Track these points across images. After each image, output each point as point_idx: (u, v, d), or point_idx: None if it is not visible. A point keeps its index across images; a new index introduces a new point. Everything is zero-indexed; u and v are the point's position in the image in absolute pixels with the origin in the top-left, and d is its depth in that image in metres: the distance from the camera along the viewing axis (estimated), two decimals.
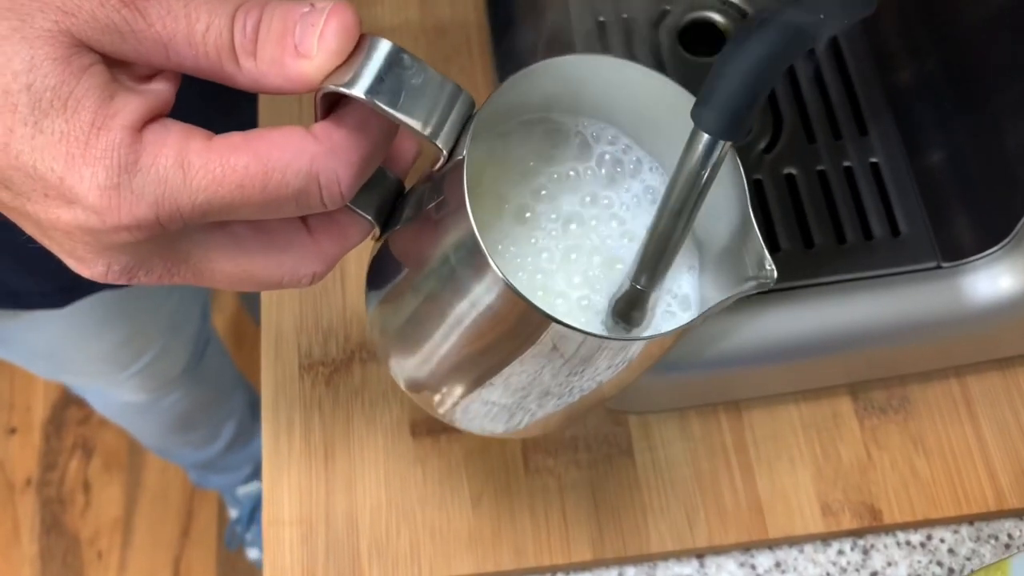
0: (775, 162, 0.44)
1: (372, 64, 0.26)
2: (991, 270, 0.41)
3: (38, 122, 0.24)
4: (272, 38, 0.26)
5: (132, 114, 0.25)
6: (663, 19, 0.48)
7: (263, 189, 0.26)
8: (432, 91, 0.27)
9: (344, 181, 0.27)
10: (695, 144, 0.28)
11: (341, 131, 0.27)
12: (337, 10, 0.26)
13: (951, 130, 0.44)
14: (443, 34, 0.56)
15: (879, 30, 0.47)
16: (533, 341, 0.28)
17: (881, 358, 0.45)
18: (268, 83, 0.26)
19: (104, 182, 0.24)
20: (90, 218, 0.25)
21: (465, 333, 0.30)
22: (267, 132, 0.26)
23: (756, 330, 0.42)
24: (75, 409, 1.32)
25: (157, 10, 0.25)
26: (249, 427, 1.11)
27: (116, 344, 0.77)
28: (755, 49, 0.26)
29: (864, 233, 0.43)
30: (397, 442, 0.47)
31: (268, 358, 0.49)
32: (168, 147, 0.25)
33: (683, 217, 0.29)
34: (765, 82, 0.26)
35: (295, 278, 0.30)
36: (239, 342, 1.29)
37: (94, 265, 0.27)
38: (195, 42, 0.25)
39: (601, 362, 0.29)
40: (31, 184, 0.25)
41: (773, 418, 0.47)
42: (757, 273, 0.29)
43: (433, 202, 0.29)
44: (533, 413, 0.33)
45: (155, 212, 0.25)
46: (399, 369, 0.34)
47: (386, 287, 0.33)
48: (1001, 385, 0.47)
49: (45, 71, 0.24)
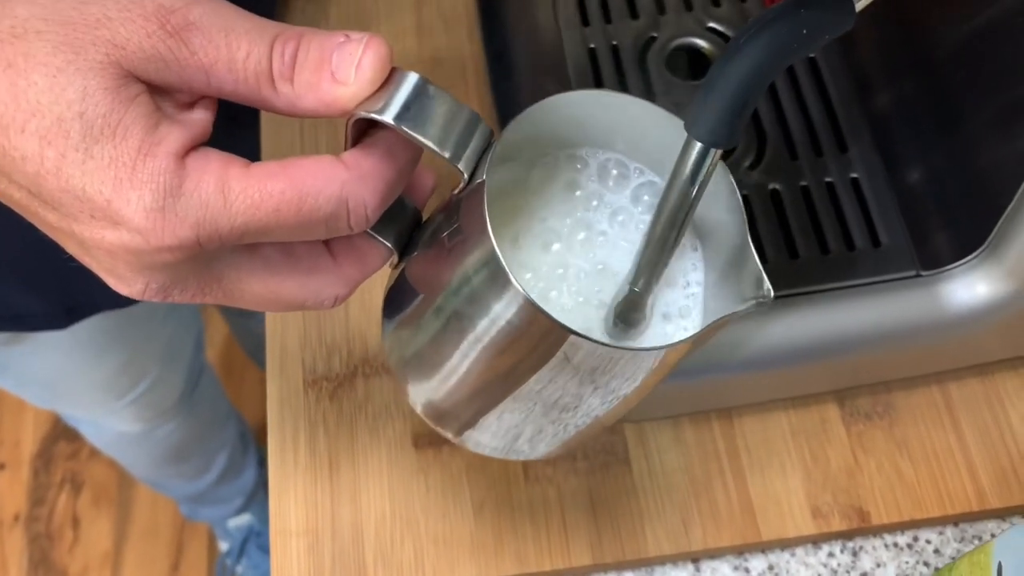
0: (760, 178, 0.47)
1: (401, 93, 0.28)
2: (968, 278, 0.43)
3: (89, 148, 0.26)
4: (309, 65, 0.28)
5: (176, 142, 0.27)
6: (650, 46, 0.50)
7: (297, 213, 0.27)
8: (455, 119, 0.29)
9: (371, 205, 0.29)
10: (688, 152, 0.30)
11: (369, 159, 0.29)
12: (373, 42, 0.28)
13: (928, 147, 0.46)
14: (439, 64, 0.58)
15: (858, 53, 0.49)
16: (551, 355, 0.30)
17: (865, 364, 0.46)
18: (303, 106, 0.28)
19: (150, 205, 0.26)
20: (134, 239, 0.26)
21: (485, 351, 0.31)
22: (301, 160, 0.28)
23: (745, 338, 0.44)
24: (64, 444, 1.32)
25: (200, 39, 0.27)
26: (240, 459, 1.11)
27: (113, 371, 0.78)
28: (742, 64, 0.28)
29: (847, 244, 0.45)
30: (400, 454, 0.49)
31: (273, 374, 0.50)
32: (210, 173, 0.27)
33: (677, 222, 0.31)
34: (752, 94, 0.28)
35: (318, 300, 0.32)
36: (230, 374, 1.30)
37: (133, 283, 0.28)
38: (235, 68, 0.27)
39: (616, 372, 0.31)
40: (79, 206, 0.26)
41: (764, 425, 0.49)
42: (756, 293, 0.31)
43: (451, 227, 0.31)
44: (553, 434, 0.34)
45: (196, 234, 0.27)
46: (417, 394, 0.35)
47: (403, 313, 0.34)
48: (981, 391, 0.49)
49: (96, 100, 0.26)
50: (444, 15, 0.59)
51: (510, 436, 0.35)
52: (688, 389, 0.46)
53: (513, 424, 0.34)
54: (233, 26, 0.27)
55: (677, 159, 0.30)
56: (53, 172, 0.26)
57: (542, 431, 0.34)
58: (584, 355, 0.29)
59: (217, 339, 1.35)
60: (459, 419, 0.35)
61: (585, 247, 0.35)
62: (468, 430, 0.35)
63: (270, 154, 0.56)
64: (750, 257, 0.31)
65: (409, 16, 0.59)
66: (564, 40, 0.50)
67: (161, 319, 0.79)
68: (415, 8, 0.60)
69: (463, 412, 0.34)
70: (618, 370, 0.30)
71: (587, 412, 0.33)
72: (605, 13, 0.51)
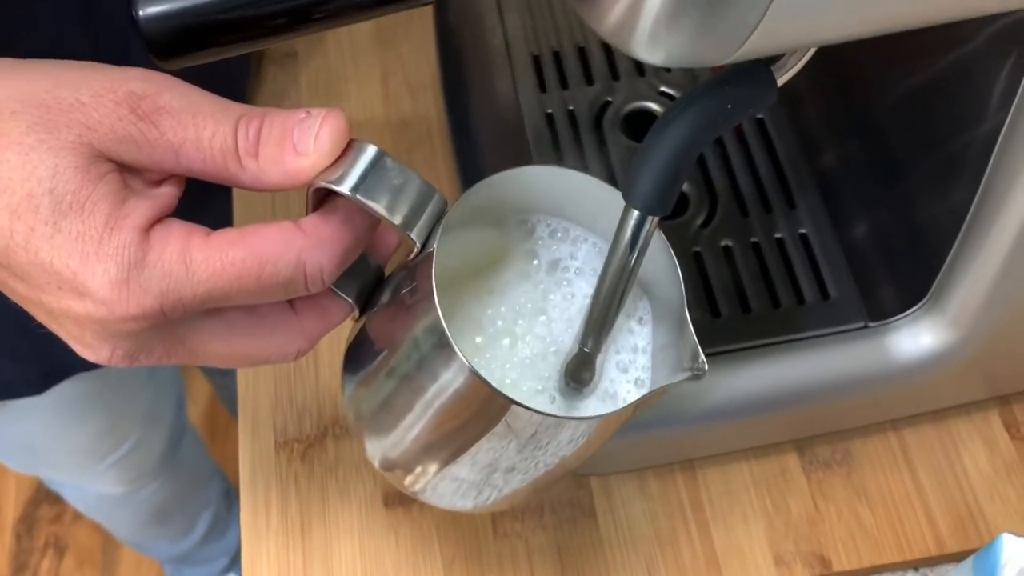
0: (712, 235, 0.48)
1: (359, 165, 0.30)
2: (913, 328, 0.45)
3: (57, 223, 0.27)
4: (272, 141, 0.29)
5: (141, 216, 0.28)
6: (606, 110, 0.52)
7: (257, 279, 0.29)
8: (409, 190, 0.31)
9: (327, 270, 0.30)
10: (627, 220, 0.32)
11: (328, 226, 0.30)
12: (331, 116, 0.30)
13: (871, 203, 0.48)
14: (406, 127, 0.60)
15: (804, 114, 0.52)
16: (496, 422, 0.31)
17: (820, 414, 0.48)
18: (268, 179, 0.30)
19: (115, 277, 0.27)
20: (100, 309, 0.28)
21: (434, 414, 0.32)
22: (260, 228, 0.29)
23: (703, 390, 0.45)
24: (47, 507, 1.31)
25: (169, 121, 0.28)
26: (224, 518, 1.11)
27: (94, 435, 0.78)
28: (672, 137, 0.30)
29: (797, 298, 0.47)
30: (371, 513, 0.49)
31: (245, 436, 0.51)
32: (172, 244, 0.28)
33: (620, 284, 0.33)
34: (682, 165, 0.30)
35: (281, 355, 0.33)
36: (213, 432, 1.30)
37: (100, 350, 0.29)
38: (202, 147, 0.29)
39: (562, 437, 0.32)
40: (47, 278, 0.28)
41: (726, 476, 0.50)
42: (692, 365, 0.32)
43: (407, 288, 0.33)
44: (500, 488, 0.35)
45: (160, 303, 0.28)
46: (373, 448, 0.36)
47: (362, 369, 0.35)
48: (935, 435, 0.50)
49: (67, 177, 0.27)
50: (410, 83, 0.62)
51: (462, 491, 0.36)
52: (648, 441, 0.47)
53: (465, 480, 0.35)
54: (200, 108, 0.29)
55: (617, 226, 0.32)
56: (22, 245, 0.27)
57: (495, 485, 0.35)
58: (527, 422, 0.31)
59: (201, 398, 1.35)
60: (412, 474, 0.36)
61: (535, 311, 0.36)
62: (421, 484, 0.36)
63: (242, 215, 0.58)
64: (687, 330, 0.33)
65: (376, 85, 0.62)
66: (522, 106, 0.52)
67: (142, 382, 0.80)
68: (382, 77, 0.62)
69: (416, 467, 0.35)
70: (562, 434, 0.32)
71: (536, 468, 0.34)
72: (562, 80, 0.53)
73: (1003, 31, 0.36)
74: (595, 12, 0.27)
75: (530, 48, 0.54)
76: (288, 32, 0.32)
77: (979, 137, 0.39)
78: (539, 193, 0.36)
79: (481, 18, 0.56)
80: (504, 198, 0.35)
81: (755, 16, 0.25)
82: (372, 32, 0.64)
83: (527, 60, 0.54)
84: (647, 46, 0.27)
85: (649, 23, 0.26)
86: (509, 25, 0.55)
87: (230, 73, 0.59)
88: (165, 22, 0.30)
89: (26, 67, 0.29)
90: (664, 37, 0.26)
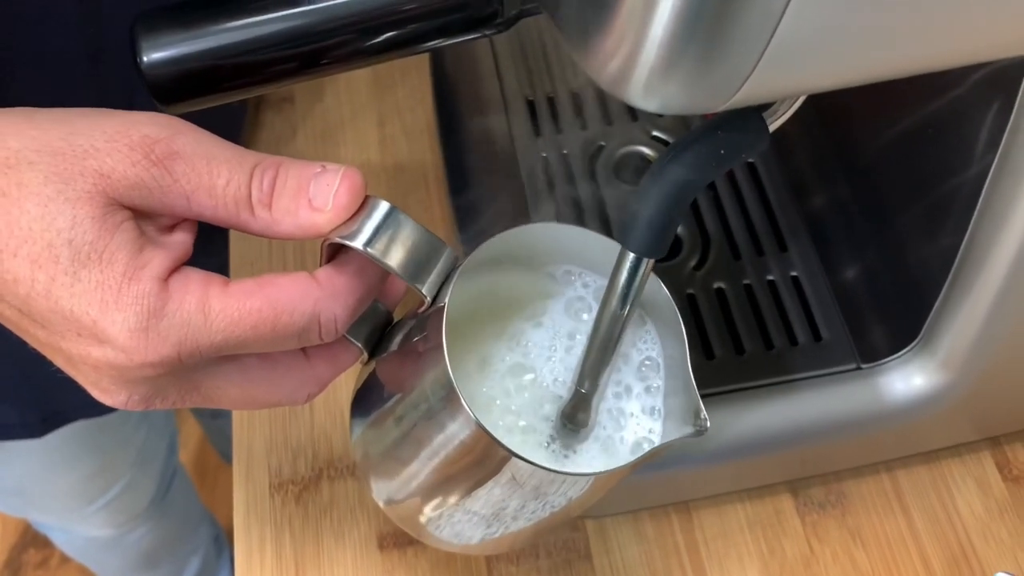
0: (705, 278, 0.49)
1: (372, 221, 0.30)
2: (904, 370, 0.45)
3: (76, 272, 0.28)
4: (288, 193, 0.30)
5: (159, 266, 0.29)
6: (599, 154, 0.53)
7: (273, 328, 0.29)
8: (421, 246, 0.31)
9: (341, 319, 0.31)
10: (623, 262, 0.32)
11: (341, 277, 0.31)
12: (349, 173, 0.30)
13: (862, 245, 0.49)
14: (402, 171, 0.61)
15: (795, 159, 0.53)
16: (499, 470, 0.31)
17: (813, 454, 0.48)
18: (280, 230, 0.30)
19: (134, 325, 0.28)
20: (118, 356, 0.28)
21: (440, 461, 0.33)
22: (277, 278, 0.30)
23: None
24: (33, 551, 1.29)
25: (182, 167, 0.29)
26: (214, 563, 1.10)
27: (85, 477, 0.78)
28: (666, 181, 0.31)
29: (789, 339, 0.47)
30: (366, 556, 0.49)
31: (240, 478, 0.51)
32: (191, 293, 0.29)
33: (616, 326, 0.33)
34: (676, 210, 0.31)
35: (292, 399, 0.34)
36: (203, 476, 1.29)
37: (117, 395, 0.30)
38: (215, 194, 0.29)
39: (562, 488, 0.33)
40: (67, 325, 0.28)
41: (721, 518, 0.50)
42: (694, 421, 0.33)
43: (415, 338, 0.33)
44: (502, 531, 0.36)
45: (177, 351, 0.28)
46: (379, 488, 0.37)
47: (370, 413, 0.36)
48: (928, 477, 0.51)
49: (85, 228, 0.28)
50: (406, 128, 0.62)
51: (466, 535, 0.36)
52: (644, 483, 0.47)
53: (469, 525, 0.35)
54: (214, 154, 0.29)
55: (613, 269, 0.32)
56: (43, 294, 0.28)
57: (496, 531, 0.35)
58: (529, 474, 0.31)
59: (191, 442, 1.34)
60: (417, 517, 0.36)
61: (544, 352, 0.36)
62: (426, 527, 0.36)
63: (238, 253, 0.58)
64: (691, 388, 0.33)
65: (373, 130, 0.62)
66: (517, 150, 0.53)
67: (134, 424, 0.80)
68: (379, 122, 0.63)
69: (421, 511, 0.36)
70: (563, 486, 0.32)
71: (537, 516, 0.34)
72: (556, 124, 0.54)
73: (989, 77, 0.37)
74: (593, 62, 0.28)
75: (524, 93, 0.55)
76: (289, 78, 0.33)
77: (967, 181, 0.39)
78: (550, 245, 0.36)
79: (476, 64, 0.57)
80: (516, 250, 0.36)
81: (748, 66, 0.26)
82: (369, 78, 0.65)
83: (522, 105, 0.55)
84: (643, 94, 0.27)
85: (645, 73, 0.26)
86: (504, 70, 0.56)
87: (230, 108, 0.60)
88: (169, 68, 0.30)
89: (40, 115, 0.29)
90: (659, 86, 0.27)
